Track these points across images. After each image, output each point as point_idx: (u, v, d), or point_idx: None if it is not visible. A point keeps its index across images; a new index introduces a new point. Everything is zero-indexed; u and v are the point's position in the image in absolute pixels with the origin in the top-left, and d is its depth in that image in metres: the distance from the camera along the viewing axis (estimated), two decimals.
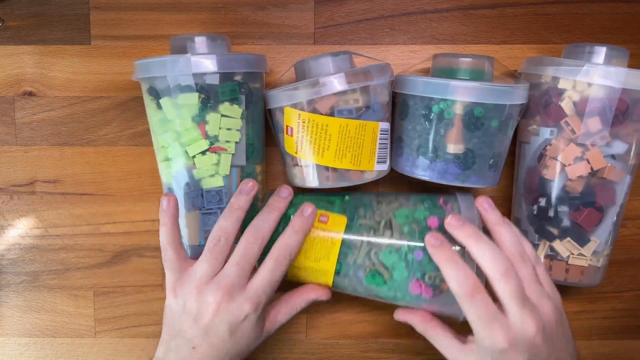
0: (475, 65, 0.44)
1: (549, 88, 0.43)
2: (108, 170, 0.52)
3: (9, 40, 0.50)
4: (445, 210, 0.43)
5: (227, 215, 0.42)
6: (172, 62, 0.40)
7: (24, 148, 0.51)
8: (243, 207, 0.42)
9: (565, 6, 0.49)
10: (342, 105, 0.41)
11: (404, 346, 0.53)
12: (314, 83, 0.41)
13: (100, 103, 0.51)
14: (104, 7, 0.50)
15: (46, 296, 0.53)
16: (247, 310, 0.40)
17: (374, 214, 0.44)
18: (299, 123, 0.42)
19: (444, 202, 0.44)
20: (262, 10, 0.50)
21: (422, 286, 0.42)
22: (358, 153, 0.42)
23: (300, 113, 0.42)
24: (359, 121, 0.42)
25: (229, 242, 0.41)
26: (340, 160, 0.42)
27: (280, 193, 0.44)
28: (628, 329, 0.53)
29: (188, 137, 0.42)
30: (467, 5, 0.50)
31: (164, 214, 0.43)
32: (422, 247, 0.41)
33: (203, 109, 0.41)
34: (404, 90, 0.44)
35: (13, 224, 0.52)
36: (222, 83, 0.41)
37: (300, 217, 0.43)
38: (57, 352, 0.53)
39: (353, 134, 0.42)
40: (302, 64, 0.44)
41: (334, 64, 0.43)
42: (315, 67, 0.44)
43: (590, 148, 0.42)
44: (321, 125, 0.41)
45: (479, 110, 0.41)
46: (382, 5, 0.50)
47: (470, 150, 0.42)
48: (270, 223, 0.42)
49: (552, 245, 0.45)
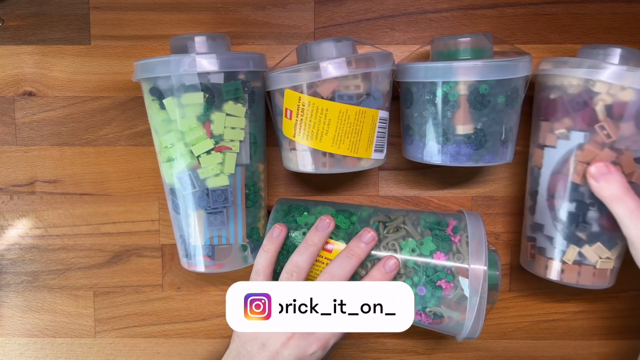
0: (475, 43, 0.43)
1: (582, 91, 0.42)
2: (108, 170, 0.52)
3: (9, 40, 0.50)
4: (453, 242, 0.43)
5: (301, 251, 0.42)
6: (176, 61, 0.40)
7: (24, 148, 0.51)
8: (318, 244, 0.42)
9: (565, 6, 0.49)
10: (343, 90, 0.41)
11: (404, 346, 0.53)
12: (316, 66, 0.40)
13: (100, 103, 0.51)
14: (104, 7, 0.50)
15: (46, 296, 0.53)
16: (314, 349, 0.40)
17: (379, 244, 0.43)
18: (298, 106, 0.42)
19: (453, 231, 0.43)
20: (262, 10, 0.50)
21: (422, 315, 0.42)
22: (356, 140, 0.42)
23: (300, 96, 0.41)
24: (359, 107, 0.41)
25: (300, 276, 0.41)
26: (338, 145, 0.42)
27: (363, 238, 0.42)
28: (628, 329, 0.53)
29: (193, 137, 0.42)
30: (467, 5, 0.50)
31: (271, 241, 0.43)
32: (425, 282, 0.42)
33: (208, 108, 0.41)
34: (406, 78, 0.44)
35: (13, 224, 0.52)
36: (226, 82, 0.41)
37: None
38: (57, 352, 0.53)
39: (352, 120, 0.41)
40: (304, 48, 0.44)
41: (336, 48, 0.43)
42: (318, 51, 0.43)
43: (624, 152, 0.41)
44: (321, 109, 0.41)
45: (484, 87, 0.41)
46: (382, 5, 0.50)
47: (480, 130, 0.42)
48: (346, 270, 0.41)
49: (582, 251, 0.44)
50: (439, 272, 0.42)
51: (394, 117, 0.49)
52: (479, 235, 0.42)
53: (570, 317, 0.53)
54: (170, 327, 0.53)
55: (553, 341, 0.53)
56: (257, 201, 0.45)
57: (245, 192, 0.44)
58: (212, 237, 0.44)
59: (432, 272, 0.42)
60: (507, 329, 0.53)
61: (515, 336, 0.53)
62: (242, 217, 0.44)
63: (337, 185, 0.52)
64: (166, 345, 0.53)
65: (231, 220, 0.44)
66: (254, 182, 0.45)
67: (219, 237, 0.44)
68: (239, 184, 0.43)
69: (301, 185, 0.52)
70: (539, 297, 0.52)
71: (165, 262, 0.53)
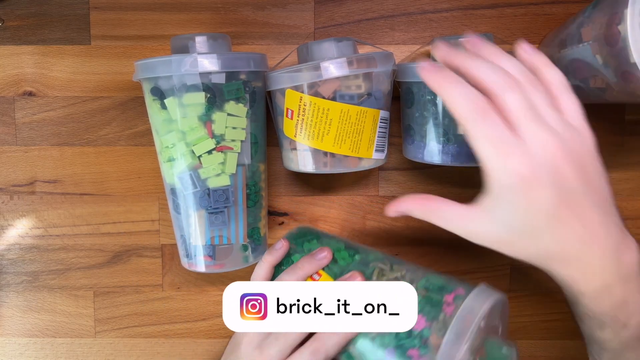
0: None
1: None
2: (108, 170, 0.52)
3: (9, 40, 0.50)
4: (443, 311, 0.36)
5: (289, 271, 0.42)
6: (177, 61, 0.40)
7: (24, 148, 0.51)
8: (307, 270, 0.41)
9: (565, 6, 0.49)
10: (344, 90, 0.41)
11: None
12: (317, 66, 0.40)
13: (100, 103, 0.51)
14: (104, 7, 0.50)
15: (46, 296, 0.53)
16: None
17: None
18: (299, 106, 0.42)
19: (454, 299, 0.36)
20: (262, 10, 0.50)
21: None
22: (357, 140, 0.42)
23: (302, 96, 0.41)
24: (360, 107, 0.41)
25: None
26: (340, 145, 0.42)
27: (315, 255, 0.42)
28: None
29: (194, 137, 0.42)
30: (467, 5, 0.50)
31: (271, 254, 0.43)
32: (395, 346, 0.36)
33: (209, 108, 0.41)
34: (407, 78, 0.44)
35: (13, 224, 0.52)
36: (228, 82, 0.41)
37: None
38: (57, 352, 0.53)
39: (354, 120, 0.42)
40: (305, 48, 0.44)
41: (337, 48, 0.43)
42: (319, 51, 0.43)
43: None
44: (322, 109, 0.41)
45: None
46: (382, 5, 0.50)
47: None
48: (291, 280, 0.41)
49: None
50: (413, 338, 0.35)
51: (395, 117, 0.49)
52: (474, 311, 0.34)
53: (570, 317, 0.53)
54: (170, 327, 0.53)
55: (553, 341, 0.53)
56: (258, 201, 0.45)
57: (246, 192, 0.44)
58: (213, 237, 0.44)
59: (405, 336, 0.36)
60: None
61: (515, 336, 0.53)
62: (243, 217, 0.44)
63: (337, 185, 0.52)
64: (166, 345, 0.53)
65: (232, 220, 0.44)
66: (254, 182, 0.45)
67: (220, 237, 0.44)
68: (240, 183, 0.44)
69: (301, 185, 0.52)
70: (539, 297, 0.52)
71: (165, 262, 0.53)
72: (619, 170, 0.51)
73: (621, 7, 0.34)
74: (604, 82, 0.40)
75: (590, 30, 0.39)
